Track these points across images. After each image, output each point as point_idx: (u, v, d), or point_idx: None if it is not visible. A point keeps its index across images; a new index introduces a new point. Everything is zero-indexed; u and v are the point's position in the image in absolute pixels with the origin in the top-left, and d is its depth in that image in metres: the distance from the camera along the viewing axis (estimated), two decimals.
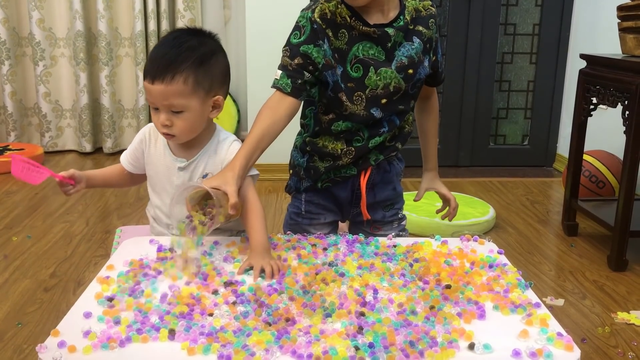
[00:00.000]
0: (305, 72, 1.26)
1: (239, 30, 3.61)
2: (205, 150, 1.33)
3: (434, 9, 1.38)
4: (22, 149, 3.35)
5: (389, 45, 1.29)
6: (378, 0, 1.28)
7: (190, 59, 1.21)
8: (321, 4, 1.28)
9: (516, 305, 1.04)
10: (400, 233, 1.50)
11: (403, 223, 1.54)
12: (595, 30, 3.05)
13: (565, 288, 1.95)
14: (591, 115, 2.34)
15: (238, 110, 3.64)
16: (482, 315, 1.01)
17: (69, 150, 3.70)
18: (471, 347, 0.91)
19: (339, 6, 1.27)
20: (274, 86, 1.28)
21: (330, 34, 1.27)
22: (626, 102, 2.04)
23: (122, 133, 3.71)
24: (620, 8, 2.16)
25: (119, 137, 3.71)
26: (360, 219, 1.46)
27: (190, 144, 1.33)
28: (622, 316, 1.76)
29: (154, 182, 1.39)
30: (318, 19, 1.26)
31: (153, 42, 3.47)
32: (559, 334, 0.95)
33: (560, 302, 1.85)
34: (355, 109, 1.31)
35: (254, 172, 1.29)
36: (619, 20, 2.19)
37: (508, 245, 2.30)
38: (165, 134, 1.27)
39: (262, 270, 1.13)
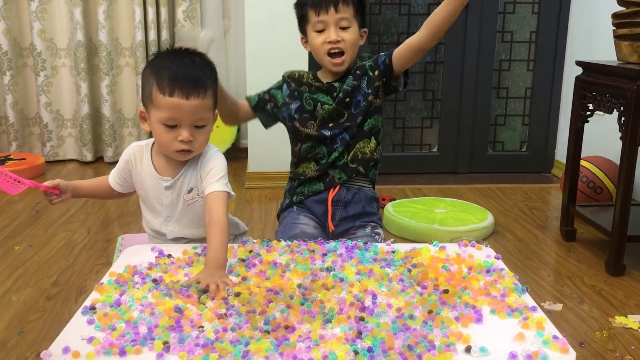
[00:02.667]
0: (269, 104, 1.73)
1: (238, 40, 3.64)
2: (188, 165, 1.34)
3: (366, 55, 1.69)
4: (24, 159, 3.37)
5: (335, 94, 1.66)
6: None
7: (210, 75, 1.29)
8: (297, 71, 1.72)
9: (513, 309, 1.06)
10: (375, 236, 1.63)
11: (377, 230, 1.67)
12: (591, 38, 3.07)
13: (563, 293, 1.97)
14: (588, 122, 2.36)
15: None
16: (479, 319, 1.03)
17: (70, 159, 3.73)
18: (468, 350, 0.93)
19: (308, 73, 1.70)
20: (246, 97, 1.76)
21: (292, 85, 1.70)
22: (622, 108, 2.06)
23: (122, 142, 3.73)
24: (615, 15, 2.19)
25: (120, 146, 3.73)
26: (338, 231, 1.67)
27: (176, 160, 1.34)
28: (620, 320, 1.77)
29: (145, 200, 1.40)
30: (287, 77, 1.72)
31: (153, 51, 3.49)
32: (555, 337, 0.97)
33: (558, 306, 1.86)
34: (309, 132, 1.66)
35: (230, 191, 1.30)
36: (614, 28, 2.21)
37: (506, 251, 2.31)
38: (185, 151, 1.28)
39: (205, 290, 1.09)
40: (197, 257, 1.27)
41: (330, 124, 1.65)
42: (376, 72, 1.63)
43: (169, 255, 1.27)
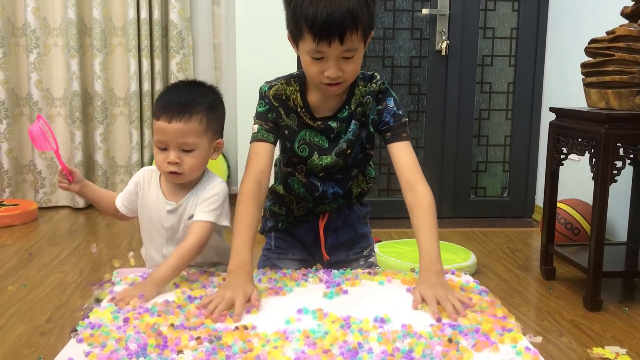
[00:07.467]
0: (277, 131, 1.44)
1: (229, 91, 3.77)
2: (193, 192, 1.42)
3: (375, 86, 1.42)
4: (17, 204, 3.43)
5: (332, 136, 1.44)
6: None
7: (203, 103, 1.36)
8: (280, 84, 1.44)
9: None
10: (369, 267, 1.55)
11: (371, 260, 1.60)
12: (565, 86, 3.24)
13: (543, 327, 2.04)
14: (562, 165, 2.48)
15: (228, 166, 3.77)
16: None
17: (62, 205, 3.78)
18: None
19: (296, 93, 1.42)
20: (256, 139, 1.43)
21: (282, 112, 1.43)
22: (592, 150, 2.18)
23: (115, 189, 3.81)
24: (584, 65, 2.34)
25: None
26: (329, 262, 1.55)
27: (182, 186, 1.42)
28: (597, 351, 1.84)
29: (146, 224, 1.46)
30: (272, 97, 1.43)
31: (147, 101, 3.62)
32: (527, 348, 1.05)
33: (538, 339, 1.91)
34: (298, 176, 1.49)
35: (223, 222, 1.39)
36: (583, 77, 2.36)
37: (489, 289, 2.38)
38: (173, 173, 1.35)
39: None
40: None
41: (321, 174, 1.48)
42: (373, 128, 1.45)
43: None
